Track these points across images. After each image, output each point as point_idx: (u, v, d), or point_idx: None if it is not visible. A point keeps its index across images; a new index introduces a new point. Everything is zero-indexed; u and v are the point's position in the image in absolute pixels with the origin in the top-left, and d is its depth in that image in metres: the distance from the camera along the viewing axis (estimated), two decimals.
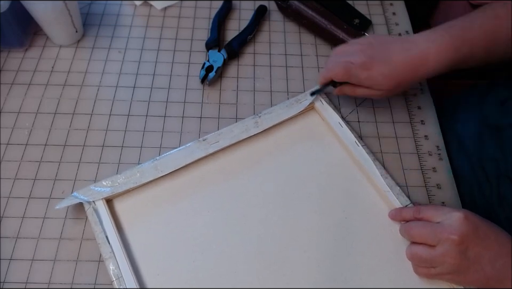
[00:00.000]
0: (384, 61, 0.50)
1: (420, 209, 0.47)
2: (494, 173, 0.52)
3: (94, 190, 0.50)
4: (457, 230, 0.42)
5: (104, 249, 0.47)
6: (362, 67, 0.51)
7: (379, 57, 0.51)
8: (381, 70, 0.50)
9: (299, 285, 0.47)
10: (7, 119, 0.58)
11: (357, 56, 0.51)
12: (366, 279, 0.48)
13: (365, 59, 0.51)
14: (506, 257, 0.42)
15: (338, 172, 0.55)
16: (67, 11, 0.60)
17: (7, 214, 0.51)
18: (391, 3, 0.73)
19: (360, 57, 0.51)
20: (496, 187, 0.52)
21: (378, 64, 0.50)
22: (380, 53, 0.51)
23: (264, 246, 0.49)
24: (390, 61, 0.50)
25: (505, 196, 0.51)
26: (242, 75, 0.64)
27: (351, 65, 0.51)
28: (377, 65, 0.50)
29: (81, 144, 0.56)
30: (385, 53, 0.51)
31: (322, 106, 0.59)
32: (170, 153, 0.54)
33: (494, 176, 0.52)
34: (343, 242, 0.50)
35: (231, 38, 0.66)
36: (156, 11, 0.70)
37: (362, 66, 0.51)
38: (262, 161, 0.55)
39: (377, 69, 0.51)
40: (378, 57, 0.51)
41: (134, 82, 0.62)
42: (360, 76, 0.51)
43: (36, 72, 0.62)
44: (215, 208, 0.51)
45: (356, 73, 0.51)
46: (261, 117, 0.57)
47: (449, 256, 0.43)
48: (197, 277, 0.47)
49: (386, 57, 0.51)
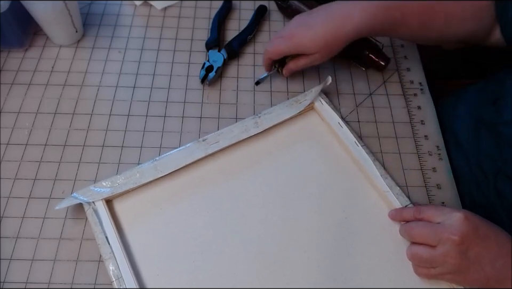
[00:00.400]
0: (308, 26, 0.54)
1: (420, 209, 0.47)
2: (491, 170, 0.53)
3: (94, 191, 0.50)
4: (458, 230, 0.42)
5: (104, 250, 0.47)
6: (289, 37, 0.55)
7: (305, 24, 0.55)
8: (305, 34, 0.54)
9: (299, 285, 0.47)
10: (7, 119, 0.58)
11: (287, 29, 0.56)
12: (366, 279, 0.48)
13: (292, 29, 0.55)
14: (506, 257, 0.42)
15: (338, 172, 0.55)
16: (67, 11, 0.60)
17: (7, 214, 0.51)
18: None
19: (289, 29, 0.56)
20: (494, 184, 0.52)
21: (302, 30, 0.54)
22: (306, 20, 0.55)
23: (264, 246, 0.49)
24: (314, 23, 0.54)
25: (503, 193, 0.51)
26: (242, 75, 0.64)
27: (280, 39, 0.56)
28: (302, 31, 0.54)
29: (81, 144, 0.56)
30: (310, 18, 0.55)
31: (322, 106, 0.59)
32: (170, 153, 0.54)
33: (492, 173, 0.52)
34: (343, 242, 0.50)
35: (231, 38, 0.66)
36: (156, 11, 0.70)
37: (289, 36, 0.55)
38: (262, 161, 0.55)
39: (302, 35, 0.54)
40: (304, 24, 0.55)
41: (134, 82, 0.62)
42: (290, 47, 0.56)
43: (36, 72, 0.62)
44: (215, 208, 0.51)
45: (286, 44, 0.55)
46: (261, 117, 0.57)
47: (450, 256, 0.43)
48: (197, 277, 0.47)
49: (311, 21, 0.54)
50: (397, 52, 0.67)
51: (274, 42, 0.57)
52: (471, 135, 0.57)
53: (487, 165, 0.53)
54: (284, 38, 0.56)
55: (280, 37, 0.56)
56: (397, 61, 0.66)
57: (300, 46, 0.55)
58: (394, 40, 0.68)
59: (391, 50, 0.67)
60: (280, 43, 0.56)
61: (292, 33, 0.55)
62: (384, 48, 0.65)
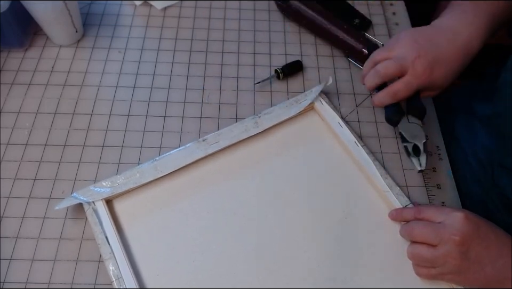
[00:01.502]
0: (439, 61, 0.50)
1: (420, 209, 0.47)
2: (488, 161, 0.53)
3: (94, 191, 0.50)
4: (459, 230, 0.42)
5: (104, 250, 0.47)
6: (424, 75, 0.50)
7: (436, 59, 0.50)
8: (442, 73, 0.51)
9: (299, 285, 0.47)
10: (7, 119, 0.58)
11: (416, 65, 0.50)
12: (366, 279, 0.47)
13: (426, 65, 0.50)
14: (506, 257, 0.42)
15: (338, 172, 0.55)
16: (67, 11, 0.60)
17: (7, 214, 0.51)
18: (391, 3, 0.73)
19: (421, 64, 0.50)
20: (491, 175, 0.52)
21: (437, 68, 0.50)
22: (431, 52, 0.50)
23: (264, 246, 0.49)
24: (444, 59, 0.51)
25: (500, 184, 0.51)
26: (242, 75, 0.64)
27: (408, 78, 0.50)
28: (437, 69, 0.50)
29: (81, 144, 0.56)
30: (436, 51, 0.51)
31: (322, 106, 0.58)
32: (170, 153, 0.54)
33: (489, 164, 0.53)
34: (343, 242, 0.50)
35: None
36: (156, 11, 0.70)
37: (424, 74, 0.50)
38: (262, 161, 0.55)
39: (439, 73, 0.51)
40: (435, 59, 0.50)
41: (134, 82, 0.62)
42: (420, 85, 0.51)
43: (36, 72, 0.62)
44: (214, 209, 0.51)
45: (417, 82, 0.51)
46: (261, 117, 0.57)
47: (451, 256, 0.43)
48: (196, 277, 0.47)
49: (440, 56, 0.50)
50: None
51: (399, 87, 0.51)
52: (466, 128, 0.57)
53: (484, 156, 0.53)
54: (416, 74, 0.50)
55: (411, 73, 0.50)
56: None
57: (432, 84, 0.51)
58: None
59: None
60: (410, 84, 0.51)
61: (425, 70, 0.50)
62: None
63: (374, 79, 0.52)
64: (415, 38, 0.52)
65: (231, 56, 0.66)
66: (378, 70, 0.52)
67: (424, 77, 0.50)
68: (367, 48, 0.62)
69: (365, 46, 0.63)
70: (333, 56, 0.66)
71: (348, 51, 0.65)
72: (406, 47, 0.51)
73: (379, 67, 0.52)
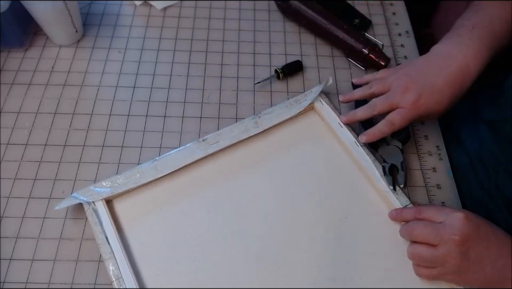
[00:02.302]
0: (431, 91, 0.50)
1: (420, 209, 0.47)
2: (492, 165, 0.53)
3: (94, 191, 0.50)
4: (459, 230, 0.42)
5: (104, 250, 0.47)
6: (414, 106, 0.50)
7: (424, 89, 0.50)
8: (434, 100, 0.51)
9: (299, 285, 0.47)
10: (7, 119, 0.58)
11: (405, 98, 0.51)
12: (366, 279, 0.47)
13: (414, 97, 0.50)
14: (506, 257, 0.42)
15: (338, 172, 0.55)
16: (67, 11, 0.60)
17: (7, 214, 0.51)
18: (391, 3, 0.73)
19: (408, 97, 0.50)
20: (495, 179, 0.52)
21: (427, 97, 0.50)
22: (420, 83, 0.51)
23: (264, 246, 0.49)
24: (434, 87, 0.50)
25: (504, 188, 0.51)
26: (242, 75, 0.64)
27: (403, 110, 0.51)
28: (427, 98, 0.50)
29: (81, 144, 0.56)
30: (427, 79, 0.51)
31: (322, 106, 0.58)
32: (170, 153, 0.54)
33: (493, 168, 0.53)
34: (343, 242, 0.50)
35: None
36: (156, 11, 0.70)
37: (415, 105, 0.50)
38: (262, 161, 0.55)
39: (429, 102, 0.50)
40: (423, 89, 0.50)
41: (134, 82, 0.62)
42: (415, 116, 0.51)
43: (36, 72, 0.62)
44: (215, 209, 0.51)
45: (412, 114, 0.51)
46: (261, 117, 0.57)
47: (451, 256, 0.43)
48: (196, 277, 0.47)
49: (431, 85, 0.50)
50: (397, 52, 0.67)
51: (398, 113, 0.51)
52: (471, 132, 0.57)
53: (489, 160, 0.53)
54: (406, 108, 0.51)
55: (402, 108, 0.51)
56: (397, 61, 0.66)
57: (426, 112, 0.51)
58: (395, 40, 0.68)
59: (391, 50, 0.67)
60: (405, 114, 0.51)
61: (416, 102, 0.50)
62: (384, 48, 0.65)
63: (366, 113, 0.54)
64: (406, 71, 0.53)
65: (231, 56, 0.66)
66: (373, 106, 0.53)
67: (415, 108, 0.51)
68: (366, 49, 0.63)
69: (365, 46, 0.63)
70: (333, 56, 0.66)
71: (348, 51, 0.65)
72: (398, 80, 0.52)
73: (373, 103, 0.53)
